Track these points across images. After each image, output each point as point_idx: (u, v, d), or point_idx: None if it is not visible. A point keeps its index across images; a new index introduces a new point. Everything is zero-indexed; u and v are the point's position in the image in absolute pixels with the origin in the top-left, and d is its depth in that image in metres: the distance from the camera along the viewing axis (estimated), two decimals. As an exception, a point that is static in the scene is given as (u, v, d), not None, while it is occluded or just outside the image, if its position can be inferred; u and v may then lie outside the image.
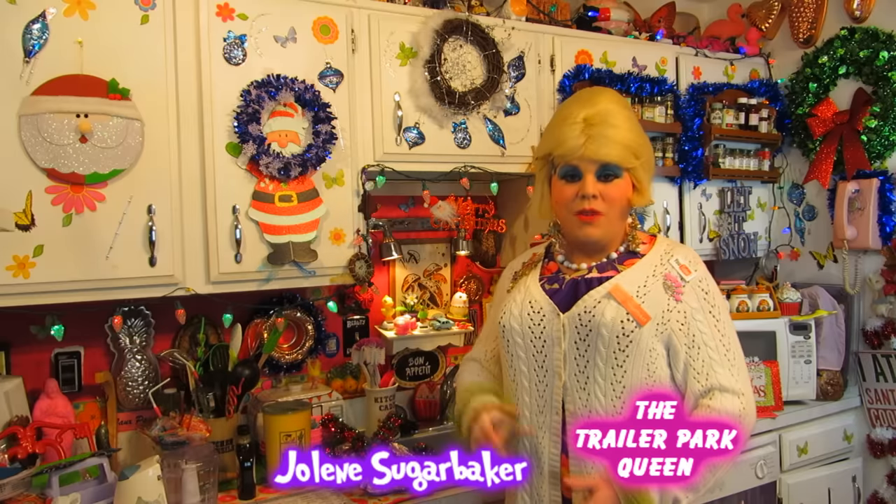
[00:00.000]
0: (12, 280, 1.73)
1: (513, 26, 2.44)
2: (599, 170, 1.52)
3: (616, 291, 1.53)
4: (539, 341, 1.57)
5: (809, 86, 2.95)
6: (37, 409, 1.93)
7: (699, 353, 1.53)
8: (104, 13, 1.82)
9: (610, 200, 1.54)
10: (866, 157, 2.76)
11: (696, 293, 1.56)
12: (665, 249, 1.63)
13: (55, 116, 1.76)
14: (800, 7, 3.02)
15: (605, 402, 1.52)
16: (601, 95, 1.59)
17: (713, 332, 1.55)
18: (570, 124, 1.53)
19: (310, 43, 2.10)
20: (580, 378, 1.53)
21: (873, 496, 2.79)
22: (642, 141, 1.58)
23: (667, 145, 2.78)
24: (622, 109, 1.57)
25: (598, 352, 1.52)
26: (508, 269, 1.80)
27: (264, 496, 1.96)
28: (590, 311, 1.53)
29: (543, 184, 1.65)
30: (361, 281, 2.17)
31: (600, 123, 1.51)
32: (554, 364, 1.56)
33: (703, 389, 1.52)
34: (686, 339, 1.53)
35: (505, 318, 1.63)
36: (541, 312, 1.58)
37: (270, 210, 2.03)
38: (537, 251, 1.75)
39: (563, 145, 1.53)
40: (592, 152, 1.50)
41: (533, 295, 1.61)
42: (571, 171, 1.54)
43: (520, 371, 1.61)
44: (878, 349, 2.75)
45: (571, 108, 1.57)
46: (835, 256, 2.94)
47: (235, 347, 2.17)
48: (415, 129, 2.27)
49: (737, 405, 1.50)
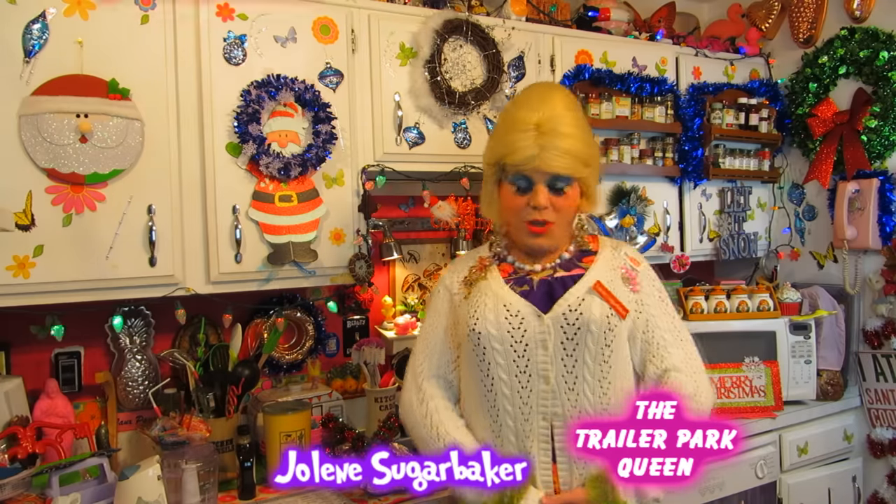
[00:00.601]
0: (12, 280, 1.73)
1: (513, 26, 2.44)
2: (550, 180, 1.53)
3: (598, 287, 1.56)
4: (520, 346, 1.54)
5: (809, 86, 2.95)
6: (37, 409, 1.93)
7: (653, 337, 1.62)
8: (104, 13, 1.82)
9: (560, 210, 1.56)
10: (866, 157, 2.76)
11: (646, 282, 1.65)
12: (612, 245, 1.70)
13: (55, 116, 1.76)
14: (800, 7, 3.02)
15: (594, 399, 1.53)
16: (552, 97, 1.58)
17: (665, 317, 1.65)
18: (522, 131, 1.52)
19: (310, 43, 2.10)
20: (568, 379, 1.53)
21: (873, 496, 2.79)
22: (591, 149, 1.60)
23: (667, 145, 2.78)
24: (572, 112, 1.57)
25: (587, 349, 1.52)
26: (450, 277, 1.72)
27: (264, 496, 1.96)
28: (575, 308, 1.53)
29: (493, 187, 1.64)
30: (361, 281, 2.17)
31: (551, 132, 1.50)
32: (539, 368, 1.53)
33: (659, 371, 1.60)
34: (642, 325, 1.62)
35: (479, 324, 1.56)
36: (519, 316, 1.55)
37: (270, 210, 2.03)
38: (482, 254, 1.71)
39: (514, 154, 1.53)
40: (545, 164, 1.51)
41: (506, 298, 1.57)
42: (523, 181, 1.54)
43: (499, 379, 1.55)
44: (878, 349, 2.75)
45: (521, 111, 1.56)
46: (835, 256, 2.94)
47: (235, 347, 2.17)
48: (415, 129, 2.27)
49: (691, 384, 1.58)
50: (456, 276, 1.71)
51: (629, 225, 2.65)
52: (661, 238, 2.78)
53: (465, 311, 1.62)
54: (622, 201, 2.66)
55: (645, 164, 2.73)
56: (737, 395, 2.60)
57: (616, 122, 2.65)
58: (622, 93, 2.65)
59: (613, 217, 2.66)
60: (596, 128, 2.60)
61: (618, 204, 2.67)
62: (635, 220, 2.66)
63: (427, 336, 1.72)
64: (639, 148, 2.72)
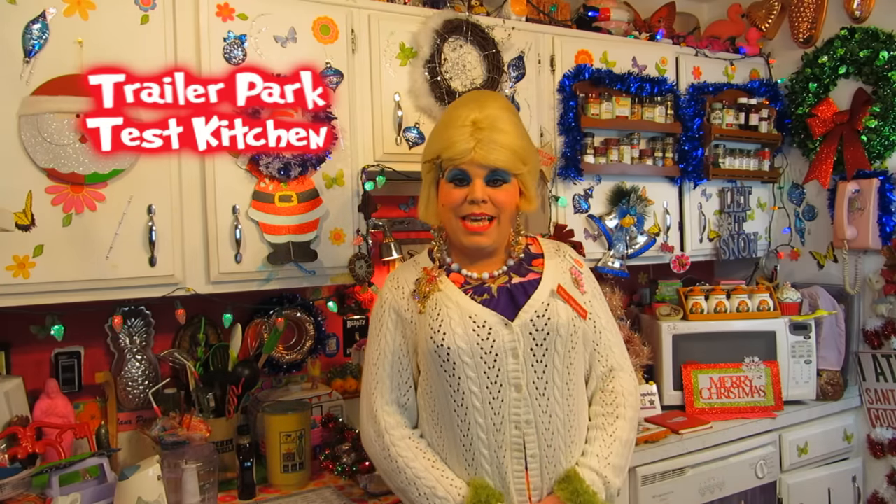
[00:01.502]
0: (12, 280, 1.73)
1: (513, 26, 2.44)
2: (488, 174, 1.52)
3: (561, 291, 1.57)
4: (490, 357, 1.50)
5: (809, 86, 2.95)
6: (37, 409, 1.93)
7: (601, 337, 1.67)
8: (104, 13, 1.82)
9: (499, 205, 1.54)
10: (866, 157, 2.76)
11: (589, 283, 1.69)
12: (554, 246, 1.71)
13: (55, 116, 1.76)
14: (800, 7, 3.02)
15: (562, 402, 1.55)
16: (489, 100, 1.58)
17: (607, 317, 1.70)
18: (459, 127, 1.51)
19: (310, 43, 2.10)
20: (539, 385, 1.52)
21: (873, 496, 2.79)
22: (529, 147, 1.59)
23: (667, 145, 2.78)
24: (510, 115, 1.57)
25: (556, 353, 1.54)
26: (392, 294, 1.62)
27: (264, 496, 1.96)
28: (542, 314, 1.53)
29: (430, 187, 1.61)
30: (361, 281, 2.17)
31: (489, 128, 1.50)
32: (510, 377, 1.51)
33: (605, 370, 1.67)
34: (591, 326, 1.65)
35: (447, 338, 1.50)
36: (486, 326, 1.51)
37: (270, 210, 2.03)
38: (424, 265, 1.64)
39: (451, 148, 1.52)
40: (482, 157, 1.49)
41: (470, 309, 1.53)
42: (460, 175, 1.53)
43: (469, 392, 1.50)
44: (878, 349, 2.75)
45: (459, 110, 1.55)
46: (835, 256, 2.94)
47: (235, 347, 2.17)
48: (415, 128, 2.27)
49: (632, 382, 1.67)
50: (400, 293, 1.62)
51: (629, 225, 2.65)
52: (661, 238, 2.78)
53: (424, 326, 1.55)
54: (622, 201, 2.66)
55: (645, 164, 2.73)
56: (737, 395, 2.60)
57: (616, 122, 2.65)
58: (622, 93, 2.65)
59: (613, 217, 2.66)
60: (596, 128, 2.61)
61: (618, 204, 2.67)
62: (635, 220, 2.67)
63: (374, 361, 1.61)
64: (639, 148, 2.72)
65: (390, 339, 1.60)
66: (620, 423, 1.60)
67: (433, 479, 1.52)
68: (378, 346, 1.62)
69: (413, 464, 1.53)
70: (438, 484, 1.51)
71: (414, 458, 1.54)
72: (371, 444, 1.60)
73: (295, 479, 2.02)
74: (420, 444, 1.58)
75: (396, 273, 1.67)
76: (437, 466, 1.54)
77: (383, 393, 1.60)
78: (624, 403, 1.62)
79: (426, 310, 1.56)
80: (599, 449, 1.57)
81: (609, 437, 1.58)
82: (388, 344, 1.60)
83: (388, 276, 1.68)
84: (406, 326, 1.60)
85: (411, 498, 1.54)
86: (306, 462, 2.05)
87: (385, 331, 1.61)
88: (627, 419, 1.61)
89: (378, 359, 1.61)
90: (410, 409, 1.62)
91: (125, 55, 1.84)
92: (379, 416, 1.58)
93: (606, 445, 1.57)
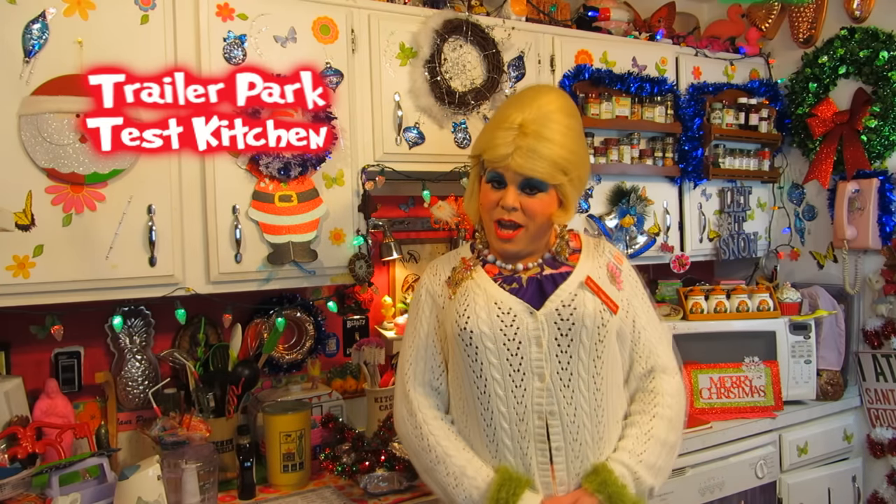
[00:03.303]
0: (12, 280, 1.73)
1: (513, 26, 2.44)
2: (523, 182, 1.49)
3: (589, 282, 1.55)
4: (513, 344, 1.51)
5: (809, 86, 2.95)
6: (37, 409, 1.93)
7: (640, 337, 1.63)
8: (104, 13, 1.82)
9: (530, 214, 1.51)
10: (866, 157, 2.76)
11: (629, 280, 1.65)
12: (594, 242, 1.68)
13: (55, 116, 1.76)
14: (800, 7, 3.02)
15: (588, 395, 1.52)
16: (544, 97, 1.52)
17: (649, 316, 1.66)
18: (505, 129, 1.49)
19: (310, 43, 2.10)
20: (563, 376, 1.51)
21: (873, 496, 2.79)
22: (574, 156, 1.51)
23: (667, 145, 2.78)
24: (563, 117, 1.50)
25: (581, 345, 1.51)
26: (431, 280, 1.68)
27: (264, 496, 1.96)
28: (568, 304, 1.52)
29: (475, 181, 1.62)
30: (361, 281, 2.17)
31: (533, 135, 1.46)
32: (533, 365, 1.50)
33: (645, 370, 1.63)
34: (629, 324, 1.62)
35: (471, 322, 1.52)
36: (511, 313, 1.52)
37: (270, 210, 2.03)
38: (464, 255, 1.67)
39: (492, 150, 1.50)
40: (517, 166, 1.47)
41: (496, 296, 1.54)
42: (497, 178, 1.52)
43: (492, 379, 1.51)
44: (878, 349, 2.75)
45: (510, 110, 1.52)
46: (835, 256, 2.94)
47: (235, 347, 2.17)
48: (415, 128, 2.27)
49: (675, 384, 1.63)
50: (437, 279, 1.66)
51: (629, 225, 2.65)
52: (661, 238, 2.78)
53: (451, 311, 1.58)
54: (622, 201, 2.66)
55: (645, 164, 2.73)
56: (737, 394, 2.60)
57: (616, 122, 2.65)
58: (622, 93, 2.65)
59: (613, 217, 2.66)
60: (596, 128, 2.61)
61: (618, 204, 2.67)
62: (635, 220, 2.67)
63: (411, 343, 1.67)
64: (639, 148, 2.72)
65: (425, 323, 1.65)
66: (657, 423, 1.57)
67: (463, 459, 1.54)
68: (414, 329, 1.67)
69: (444, 442, 1.56)
70: (469, 464, 1.53)
71: (445, 437, 1.57)
72: (403, 423, 1.62)
73: (295, 479, 2.02)
74: (452, 428, 1.60)
75: (437, 262, 1.72)
76: (466, 449, 1.57)
77: (416, 375, 1.64)
78: (663, 403, 1.59)
79: (456, 295, 1.59)
80: (633, 445, 1.54)
81: (644, 434, 1.55)
82: (422, 327, 1.65)
83: (428, 265, 1.73)
84: (439, 311, 1.64)
85: (438, 478, 1.55)
86: (306, 462, 2.05)
87: (421, 315, 1.66)
88: (666, 419, 1.57)
89: (413, 342, 1.66)
90: (443, 394, 1.65)
91: (125, 55, 1.84)
92: (412, 396, 1.62)
93: (641, 442, 1.54)
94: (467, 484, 1.51)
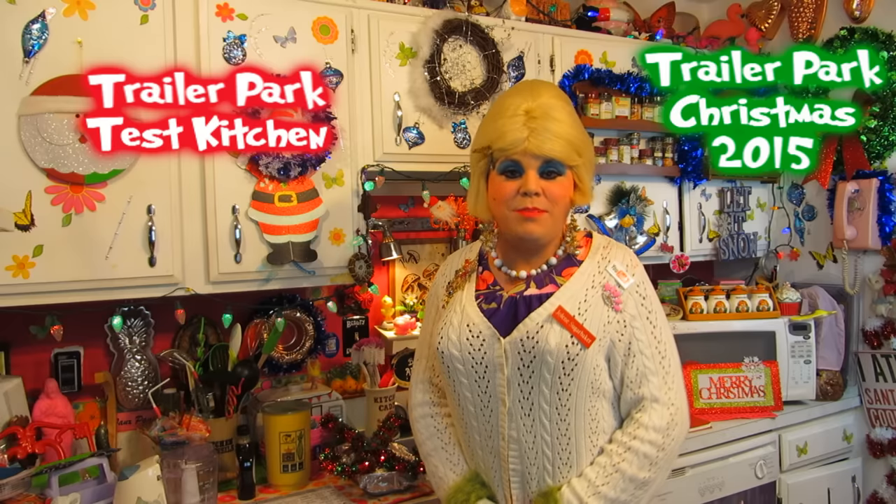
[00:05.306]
0: (12, 280, 1.73)
1: (512, 26, 2.44)
2: (542, 166, 1.44)
3: (558, 314, 1.45)
4: (480, 367, 1.49)
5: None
6: (36, 409, 1.93)
7: (634, 362, 1.50)
8: (104, 13, 1.82)
9: (553, 198, 1.46)
10: (866, 157, 2.76)
11: (633, 299, 1.52)
12: (602, 254, 1.56)
13: (55, 116, 1.76)
14: (799, 7, 3.02)
15: (551, 426, 1.47)
16: (542, 88, 1.50)
17: (649, 340, 1.52)
18: (511, 116, 1.44)
19: (309, 43, 2.10)
20: (524, 404, 1.48)
21: (873, 496, 2.79)
22: (584, 138, 1.51)
23: (666, 145, 2.79)
24: (564, 104, 1.49)
25: (542, 378, 1.46)
26: (442, 279, 1.68)
27: (264, 496, 1.96)
28: (532, 336, 1.45)
29: (480, 179, 1.55)
30: (361, 281, 2.17)
31: (542, 117, 1.43)
32: (497, 390, 1.49)
33: (635, 398, 1.51)
34: (623, 347, 1.50)
35: (443, 343, 1.53)
36: (480, 337, 1.49)
37: (270, 210, 2.03)
38: (469, 257, 1.65)
39: (503, 138, 1.44)
40: (536, 147, 1.42)
41: (470, 317, 1.52)
42: (512, 167, 1.45)
43: (464, 397, 1.54)
44: (877, 349, 2.75)
45: (511, 99, 1.49)
46: (834, 256, 2.94)
47: (235, 347, 2.17)
48: (414, 129, 2.27)
49: (665, 418, 1.49)
50: (444, 280, 1.67)
51: (629, 225, 2.66)
52: (661, 238, 2.78)
53: (437, 323, 1.60)
54: (622, 201, 2.66)
55: (644, 164, 2.73)
56: (736, 395, 2.60)
57: (616, 122, 2.65)
58: (622, 93, 2.65)
59: (613, 217, 2.66)
60: (596, 128, 2.61)
61: (617, 204, 2.67)
62: (635, 220, 2.67)
63: (420, 339, 1.75)
64: (638, 148, 2.72)
65: (429, 323, 1.69)
66: (629, 457, 1.46)
67: (439, 459, 1.64)
68: (424, 325, 1.73)
69: (427, 442, 1.66)
70: (441, 465, 1.63)
71: (428, 437, 1.66)
72: (410, 412, 1.73)
73: (294, 480, 2.02)
74: (439, 424, 1.66)
75: (453, 256, 1.73)
76: (446, 449, 1.64)
77: (418, 371, 1.72)
78: (642, 437, 1.47)
79: (447, 306, 1.61)
80: (594, 475, 1.47)
81: (611, 465, 1.47)
82: (427, 325, 1.70)
83: (448, 257, 1.74)
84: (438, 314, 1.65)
85: (428, 469, 1.69)
86: (306, 462, 2.05)
87: (429, 312, 1.71)
88: (641, 454, 1.46)
89: (422, 337, 1.73)
90: (443, 390, 1.68)
91: (125, 55, 1.84)
92: (413, 391, 1.72)
93: (604, 474, 1.46)
94: (437, 483, 1.64)
